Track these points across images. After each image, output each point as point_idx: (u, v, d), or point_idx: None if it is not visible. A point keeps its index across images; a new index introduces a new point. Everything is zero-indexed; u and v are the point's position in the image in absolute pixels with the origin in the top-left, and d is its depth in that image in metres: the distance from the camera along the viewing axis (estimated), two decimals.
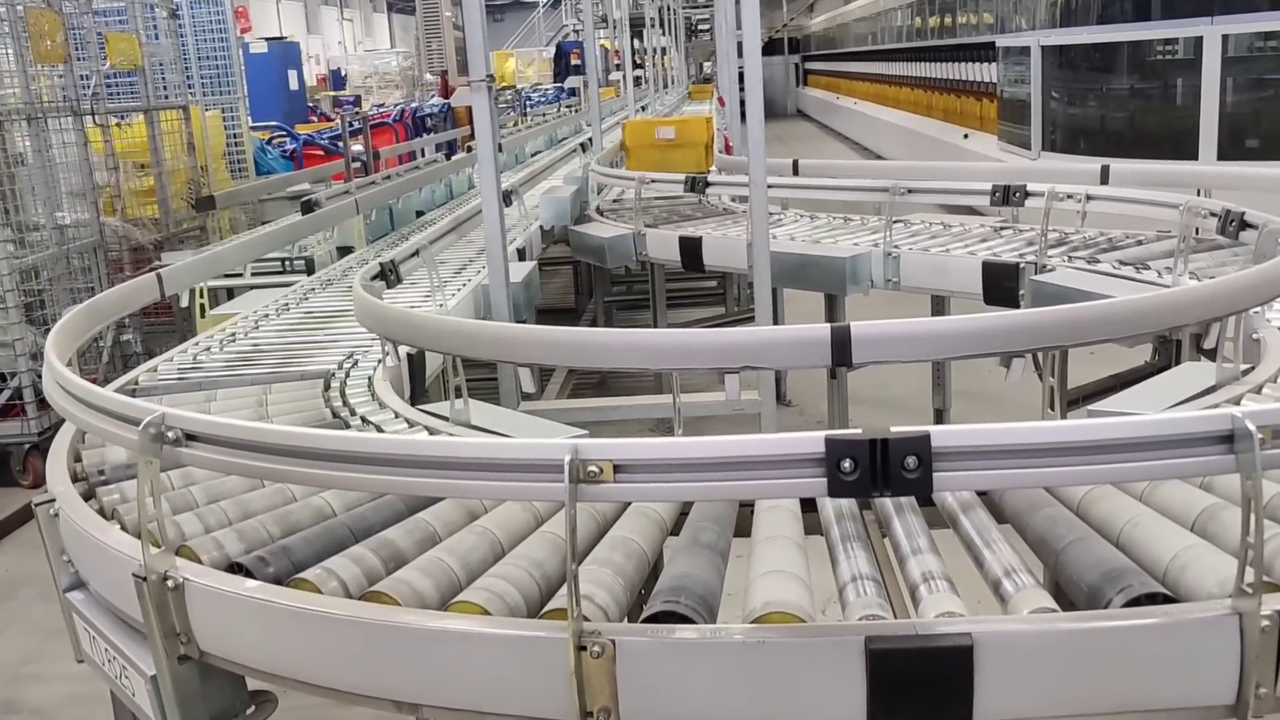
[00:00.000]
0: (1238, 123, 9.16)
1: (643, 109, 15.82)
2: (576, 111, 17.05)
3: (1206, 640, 1.54)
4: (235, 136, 9.74)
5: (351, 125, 10.01)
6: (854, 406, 5.85)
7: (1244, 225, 3.46)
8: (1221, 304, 2.52)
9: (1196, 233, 3.85)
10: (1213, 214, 3.67)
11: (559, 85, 24.62)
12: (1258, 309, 2.80)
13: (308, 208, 5.92)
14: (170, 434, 1.83)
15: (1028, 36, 11.85)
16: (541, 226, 6.38)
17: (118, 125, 7.76)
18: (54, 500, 2.28)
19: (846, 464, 1.51)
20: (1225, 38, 9.00)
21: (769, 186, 4.76)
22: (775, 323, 5.21)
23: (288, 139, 11.78)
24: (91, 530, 2.12)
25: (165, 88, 8.38)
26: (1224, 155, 8.75)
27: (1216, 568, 1.67)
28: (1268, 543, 1.70)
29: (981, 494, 2.16)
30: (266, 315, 4.26)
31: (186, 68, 8.86)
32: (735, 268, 5.70)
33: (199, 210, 8.15)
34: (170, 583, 1.85)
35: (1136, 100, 10.44)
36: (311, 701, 2.34)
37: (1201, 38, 9.11)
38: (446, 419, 2.71)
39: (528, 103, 20.06)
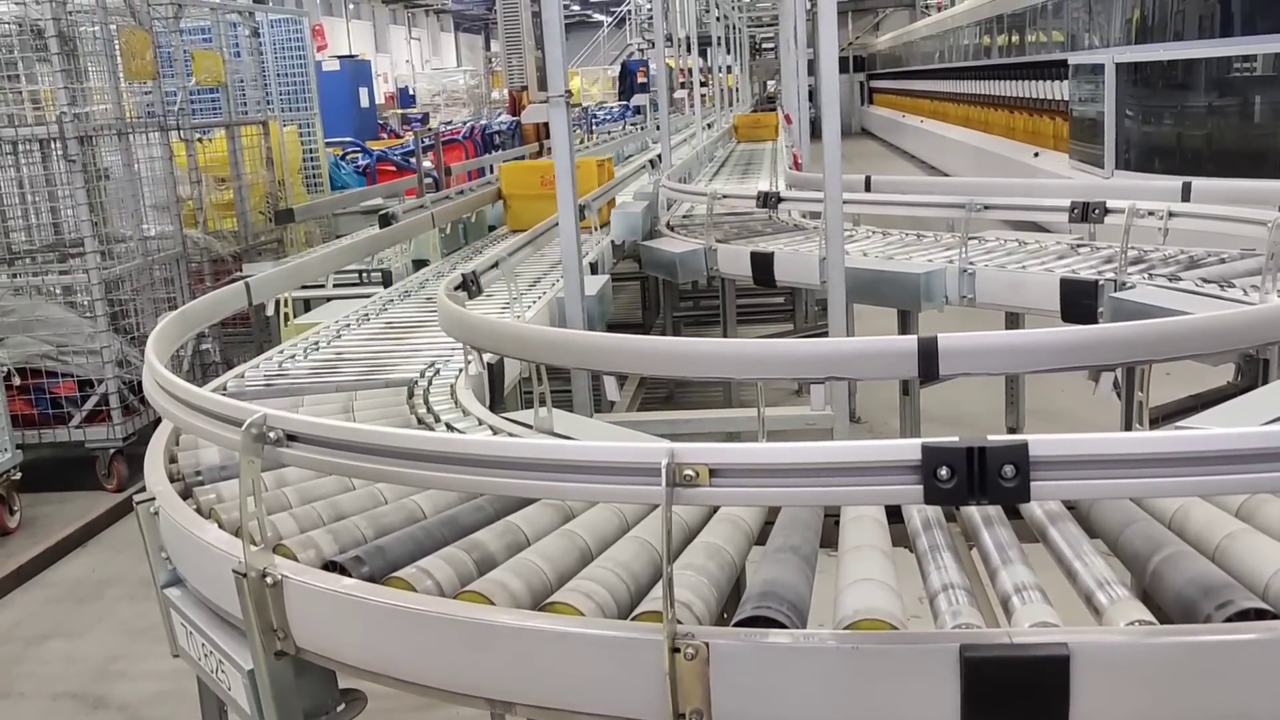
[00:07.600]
0: None
1: (709, 126, 15.87)
2: (642, 129, 17.14)
3: None
4: (311, 152, 9.93)
5: (423, 142, 10.18)
6: (925, 424, 5.81)
7: None
8: None
9: None
10: None
11: (624, 103, 24.77)
12: None
13: (385, 221, 6.04)
14: (272, 434, 1.87)
15: (1101, 54, 11.70)
16: (613, 241, 6.42)
17: (200, 140, 7.96)
18: (154, 499, 2.35)
19: (943, 471, 1.51)
20: None
21: (843, 202, 4.75)
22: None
23: (361, 154, 12.00)
24: (191, 528, 2.17)
25: (245, 104, 8.59)
26: None
27: None
28: None
29: (1070, 508, 2.14)
30: (348, 325, 4.34)
31: (265, 84, 9.06)
32: (807, 283, 5.69)
33: (278, 223, 8.34)
34: (269, 579, 1.89)
35: (1215, 118, 10.26)
36: (399, 705, 2.38)
37: None
38: (529, 426, 2.75)
39: (594, 120, 20.23)
